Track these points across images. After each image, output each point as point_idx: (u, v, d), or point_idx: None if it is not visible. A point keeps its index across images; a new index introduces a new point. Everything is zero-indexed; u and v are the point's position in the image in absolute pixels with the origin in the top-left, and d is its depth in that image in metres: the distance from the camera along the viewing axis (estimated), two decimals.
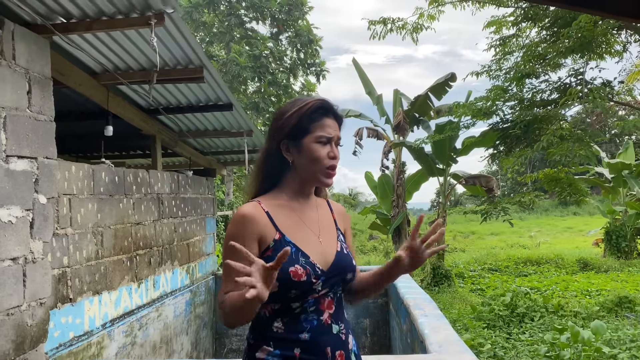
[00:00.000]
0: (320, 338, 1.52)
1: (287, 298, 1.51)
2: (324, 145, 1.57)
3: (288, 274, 1.47)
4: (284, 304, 1.53)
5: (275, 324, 1.53)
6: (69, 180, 3.23)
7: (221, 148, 6.51)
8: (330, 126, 1.59)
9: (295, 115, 1.57)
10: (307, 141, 1.56)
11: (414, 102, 11.11)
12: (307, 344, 1.51)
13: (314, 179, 1.60)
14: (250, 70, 17.71)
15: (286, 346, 1.51)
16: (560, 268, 12.48)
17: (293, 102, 1.63)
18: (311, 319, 1.53)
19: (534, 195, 11.34)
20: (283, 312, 1.53)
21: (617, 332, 5.48)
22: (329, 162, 1.57)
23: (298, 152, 1.57)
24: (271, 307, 1.53)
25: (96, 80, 3.91)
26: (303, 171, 1.59)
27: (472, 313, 7.09)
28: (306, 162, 1.57)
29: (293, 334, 1.52)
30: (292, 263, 1.49)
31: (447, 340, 2.72)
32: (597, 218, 21.17)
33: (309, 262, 1.52)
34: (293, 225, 1.58)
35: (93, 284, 3.47)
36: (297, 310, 1.52)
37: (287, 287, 1.48)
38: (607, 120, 22.61)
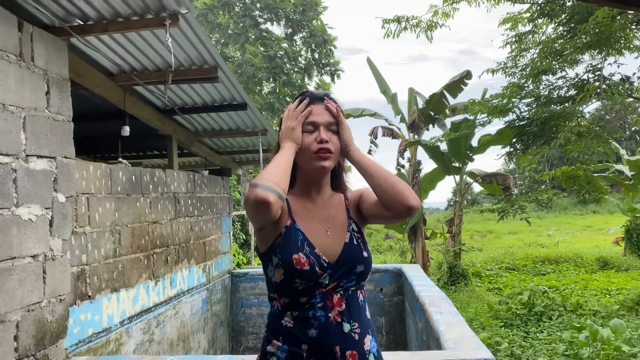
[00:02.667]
0: (328, 336, 1.51)
1: (294, 290, 1.51)
2: (311, 133, 1.60)
3: (291, 260, 1.49)
4: (292, 298, 1.53)
5: (285, 318, 1.54)
6: (87, 179, 3.29)
7: (236, 148, 6.56)
8: (316, 113, 1.61)
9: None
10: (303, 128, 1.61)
11: (429, 100, 11.06)
12: (315, 341, 1.50)
13: (309, 169, 1.61)
14: (265, 70, 17.80)
15: (294, 342, 1.51)
16: (580, 267, 12.32)
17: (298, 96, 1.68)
18: (319, 316, 1.51)
19: (552, 193, 11.18)
20: (292, 306, 1.53)
21: (638, 330, 5.40)
22: (316, 146, 1.58)
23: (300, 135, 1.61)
24: (283, 300, 1.55)
25: (113, 81, 3.97)
26: (301, 164, 1.62)
27: (489, 312, 7.04)
28: (300, 154, 1.60)
29: (301, 329, 1.51)
30: (297, 250, 1.51)
31: (462, 337, 2.70)
32: (617, 216, 20.84)
33: (314, 252, 1.52)
34: (303, 216, 1.60)
35: (111, 281, 3.53)
36: (306, 305, 1.52)
37: (291, 276, 1.49)
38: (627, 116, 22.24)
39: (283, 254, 1.51)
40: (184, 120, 5.26)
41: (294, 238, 1.53)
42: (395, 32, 9.68)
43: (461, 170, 11.34)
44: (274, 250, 1.53)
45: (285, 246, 1.52)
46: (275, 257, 1.52)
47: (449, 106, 11.20)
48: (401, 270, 5.62)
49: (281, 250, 1.51)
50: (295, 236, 1.54)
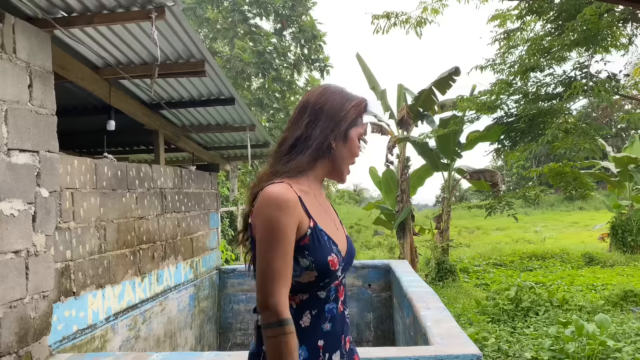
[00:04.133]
0: (338, 326, 1.55)
1: (317, 287, 1.49)
2: (359, 141, 1.64)
3: (327, 263, 1.46)
4: (312, 293, 1.50)
5: (303, 318, 1.49)
6: (71, 174, 3.24)
7: (224, 143, 6.51)
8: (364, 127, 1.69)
9: (353, 105, 1.60)
10: (353, 133, 1.60)
11: (417, 96, 11.07)
12: (329, 334, 1.52)
13: (340, 172, 1.62)
14: (254, 66, 17.71)
15: (312, 340, 1.49)
16: (566, 263, 12.44)
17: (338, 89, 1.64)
18: (332, 308, 1.53)
19: (539, 189, 11.29)
20: (310, 303, 1.50)
21: (622, 325, 5.46)
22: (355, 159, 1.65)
23: (343, 141, 1.59)
24: (299, 298, 1.49)
25: (98, 75, 3.92)
26: (337, 161, 1.60)
27: (477, 307, 7.08)
28: (345, 153, 1.60)
29: (317, 326, 1.51)
30: (329, 252, 1.48)
31: (449, 332, 2.71)
32: (603, 213, 21.08)
33: (338, 250, 1.52)
34: (318, 213, 1.55)
35: (96, 277, 3.49)
36: (323, 299, 1.51)
37: (324, 276, 1.47)
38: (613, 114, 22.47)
39: (316, 256, 1.45)
40: (171, 115, 5.21)
41: (321, 239, 1.49)
42: (384, 28, 9.68)
43: (449, 167, 11.39)
44: (301, 253, 1.45)
45: (315, 248, 1.46)
46: (304, 259, 1.45)
47: (438, 102, 11.22)
48: (389, 266, 5.62)
49: (311, 252, 1.46)
50: (321, 237, 1.49)
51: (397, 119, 11.58)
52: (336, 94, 1.61)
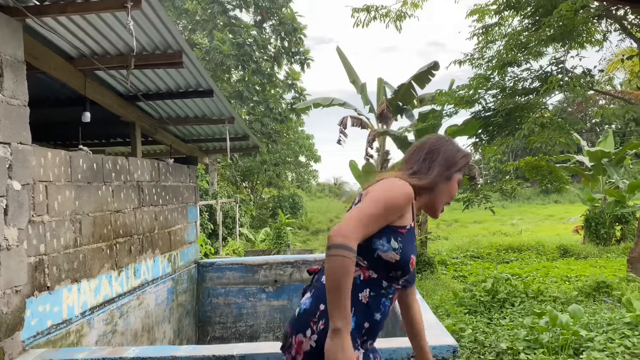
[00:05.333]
0: (383, 322, 1.81)
1: (386, 274, 1.75)
2: (457, 184, 1.94)
3: (409, 258, 1.75)
4: (379, 277, 1.75)
5: (363, 293, 1.73)
6: (45, 167, 3.17)
7: (203, 136, 6.45)
8: None
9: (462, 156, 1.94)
10: (455, 177, 1.92)
11: (397, 90, 11.13)
12: (376, 323, 1.76)
13: (435, 206, 1.93)
14: (234, 58, 17.56)
15: (362, 317, 1.72)
16: (541, 255, 12.68)
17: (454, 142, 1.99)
18: (387, 304, 1.78)
19: (515, 183, 11.45)
20: (374, 284, 1.75)
21: (595, 315, 5.59)
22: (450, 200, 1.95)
23: (446, 181, 1.89)
24: (369, 273, 1.74)
25: (72, 65, 3.83)
26: (436, 197, 1.90)
27: (454, 299, 7.17)
28: (444, 192, 1.90)
29: (371, 310, 1.74)
30: (414, 252, 1.80)
31: (426, 324, 2.72)
32: (577, 206, 21.53)
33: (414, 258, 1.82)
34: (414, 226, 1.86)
35: (71, 272, 3.43)
36: (383, 290, 1.77)
37: (399, 267, 1.73)
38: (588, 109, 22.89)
39: (405, 248, 1.74)
40: (148, 107, 5.14)
41: (412, 240, 1.79)
42: (364, 21, 9.69)
43: None
44: (395, 236, 1.73)
45: (407, 242, 1.76)
46: (395, 242, 1.73)
47: (417, 97, 11.29)
48: None
49: (403, 242, 1.74)
50: (413, 239, 1.80)
51: (377, 112, 11.62)
52: (452, 144, 1.96)
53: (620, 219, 13.77)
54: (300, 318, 1.73)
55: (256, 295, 5.86)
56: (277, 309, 5.82)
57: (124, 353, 2.49)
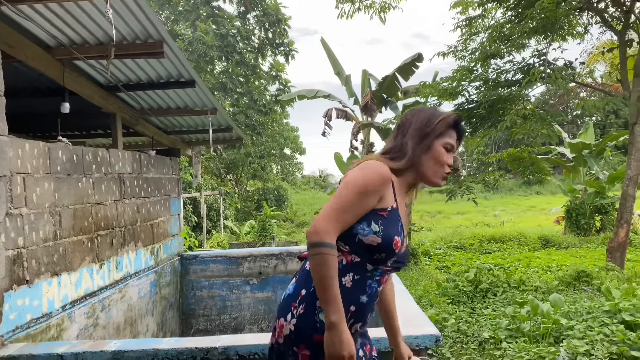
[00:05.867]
0: (371, 304, 1.78)
1: (369, 257, 1.71)
2: (447, 152, 1.81)
3: (392, 240, 1.70)
4: (363, 261, 1.72)
5: (346, 277, 1.71)
6: (22, 158, 3.11)
7: (185, 127, 6.38)
8: (454, 138, 1.84)
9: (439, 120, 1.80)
10: (438, 143, 1.79)
11: (381, 82, 11.14)
12: (362, 306, 1.74)
13: (427, 177, 1.82)
14: (217, 49, 17.41)
15: (347, 301, 1.68)
16: (523, 245, 12.84)
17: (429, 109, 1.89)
18: (373, 286, 1.75)
19: (498, 174, 11.56)
20: (357, 268, 1.72)
21: (575, 304, 5.68)
22: (447, 169, 1.82)
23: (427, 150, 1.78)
24: (351, 258, 1.72)
25: (50, 55, 3.75)
26: (423, 168, 1.80)
27: (438, 289, 7.23)
28: (430, 161, 1.79)
29: (356, 293, 1.72)
30: (398, 234, 1.73)
31: (409, 313, 2.75)
32: (559, 197, 21.84)
33: (402, 240, 1.76)
34: (401, 205, 1.80)
35: (51, 265, 3.38)
36: (368, 273, 1.74)
37: (382, 249, 1.69)
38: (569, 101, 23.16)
39: (386, 229, 1.69)
40: (129, 98, 5.06)
41: (396, 221, 1.74)
42: (349, 12, 9.66)
43: None
44: (376, 219, 1.69)
45: (389, 224, 1.71)
46: (376, 225, 1.69)
47: (401, 89, 11.31)
48: None
49: (384, 224, 1.70)
50: (396, 220, 1.74)
51: (361, 104, 11.63)
52: (424, 112, 1.86)
53: (600, 210, 14.00)
54: (283, 303, 1.76)
55: (240, 287, 5.85)
56: (262, 301, 5.82)
57: (105, 346, 2.46)
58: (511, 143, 15.58)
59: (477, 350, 4.70)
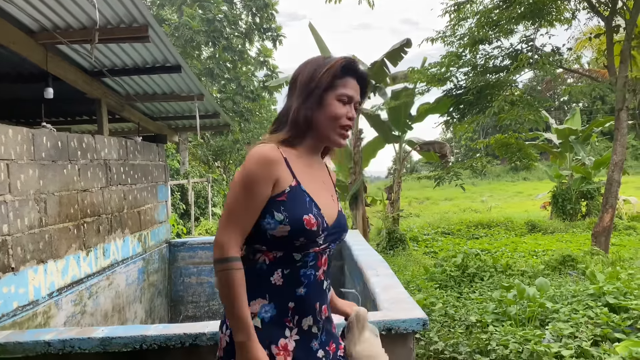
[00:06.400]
0: (314, 293, 1.60)
1: (291, 246, 1.54)
2: (344, 105, 1.61)
3: (302, 221, 1.51)
4: (287, 253, 1.56)
5: (274, 275, 1.56)
6: (6, 144, 3.06)
7: (172, 113, 6.33)
8: (353, 87, 1.63)
9: (324, 71, 1.58)
10: (330, 97, 1.59)
11: (370, 68, 11.07)
12: (302, 298, 1.57)
13: (327, 138, 1.63)
14: (204, 34, 17.20)
15: (282, 299, 1.56)
16: (510, 230, 12.98)
17: (317, 58, 1.66)
18: (309, 274, 1.58)
19: (485, 160, 11.63)
20: (284, 261, 1.56)
21: (560, 288, 5.76)
22: (346, 122, 1.61)
23: (319, 107, 1.59)
24: (273, 254, 1.56)
25: (33, 39, 3.68)
26: (320, 128, 1.61)
27: (425, 274, 7.30)
28: (324, 118, 1.59)
29: (291, 287, 1.56)
30: (307, 212, 1.53)
31: (397, 298, 2.77)
32: (545, 182, 22.03)
33: (320, 214, 1.57)
34: (307, 177, 1.61)
35: (37, 252, 3.34)
36: (299, 262, 1.56)
37: (297, 234, 1.52)
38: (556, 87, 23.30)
39: (290, 212, 1.52)
40: (114, 83, 5.00)
41: (300, 199, 1.55)
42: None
43: (401, 139, 11.54)
44: (277, 207, 1.53)
45: (292, 206, 1.53)
46: (278, 213, 1.52)
47: (390, 75, 11.27)
48: None
49: (287, 208, 1.52)
50: (301, 197, 1.56)
51: None
52: (310, 64, 1.64)
53: (586, 195, 14.17)
54: (223, 314, 1.63)
55: None
56: None
57: (92, 333, 2.45)
58: (499, 129, 15.66)
59: (464, 333, 4.76)
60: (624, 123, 7.74)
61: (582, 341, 4.10)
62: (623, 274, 5.87)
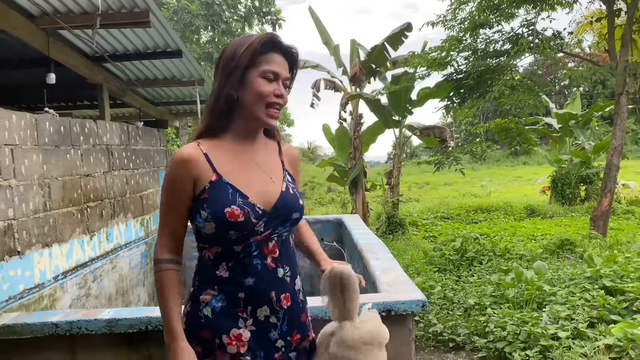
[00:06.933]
0: (265, 283, 1.55)
1: (228, 240, 1.51)
2: (270, 82, 1.53)
3: (224, 214, 1.47)
4: (226, 247, 1.53)
5: (219, 269, 1.54)
6: (9, 130, 3.09)
7: (172, 98, 6.34)
8: (279, 63, 1.55)
9: (244, 49, 1.51)
10: (253, 75, 1.52)
11: (370, 52, 11.04)
12: (251, 288, 1.53)
13: (256, 118, 1.56)
14: (203, 18, 17.11)
15: (231, 290, 1.54)
16: (509, 215, 13.04)
17: (240, 38, 1.59)
18: (255, 264, 1.53)
19: (485, 145, 11.64)
20: (226, 255, 1.54)
21: (558, 271, 5.82)
22: (273, 99, 1.53)
23: (243, 87, 1.53)
24: (214, 250, 1.55)
25: (34, 24, 3.69)
26: (247, 108, 1.55)
27: (424, 258, 7.36)
28: (250, 97, 1.53)
29: (238, 278, 1.53)
30: (229, 204, 1.48)
31: (397, 280, 2.82)
32: (545, 167, 22.06)
33: (248, 202, 1.51)
34: (233, 167, 1.56)
35: (42, 236, 3.39)
36: (241, 254, 1.53)
37: (224, 229, 1.48)
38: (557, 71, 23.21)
39: (212, 208, 1.48)
40: (115, 69, 5.01)
41: (221, 193, 1.50)
42: None
43: (401, 124, 11.54)
44: (201, 205, 1.51)
45: (213, 201, 1.49)
46: (203, 211, 1.50)
47: (390, 59, 11.23)
48: (341, 220, 5.73)
49: (209, 205, 1.49)
50: (223, 190, 1.51)
51: (350, 75, 11.53)
52: (232, 44, 1.57)
53: (585, 180, 14.20)
54: None
55: None
56: None
57: (98, 315, 2.50)
58: (499, 114, 15.64)
59: (463, 316, 4.84)
60: (624, 107, 7.74)
61: (579, 323, 4.17)
62: (620, 258, 5.94)
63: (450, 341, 4.41)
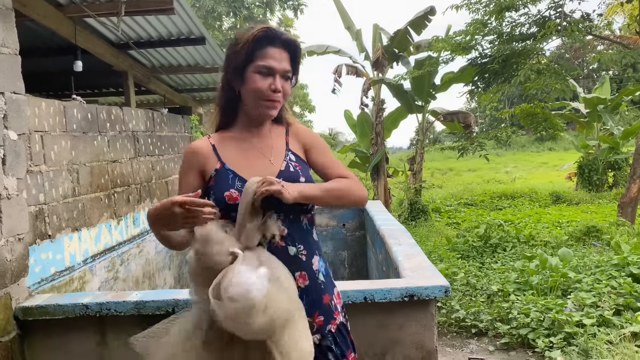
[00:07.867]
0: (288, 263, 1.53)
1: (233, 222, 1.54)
2: (265, 77, 1.57)
3: (224, 198, 1.56)
4: None
5: None
6: (39, 117, 3.16)
7: (196, 85, 6.40)
8: (275, 57, 1.57)
9: (240, 46, 1.57)
10: (249, 71, 1.57)
11: (393, 37, 10.92)
12: None
13: (255, 112, 1.63)
14: (225, 4, 17.12)
15: None
16: (534, 201, 12.85)
17: (242, 32, 1.62)
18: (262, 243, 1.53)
19: (510, 130, 11.47)
20: None
21: (584, 258, 5.74)
22: (269, 94, 1.57)
23: (242, 82, 1.59)
24: None
25: (62, 12, 3.76)
26: (246, 103, 1.63)
27: (447, 245, 7.33)
28: (247, 93, 1.59)
29: None
30: (228, 188, 1.57)
31: (419, 266, 2.82)
32: (571, 153, 21.62)
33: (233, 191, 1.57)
34: (237, 154, 1.64)
35: (71, 220, 3.49)
36: None
37: (227, 211, 1.54)
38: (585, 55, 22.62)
39: (216, 194, 1.58)
40: (140, 56, 5.07)
41: (224, 179, 1.60)
42: None
43: (424, 109, 11.42)
44: (208, 192, 1.62)
45: (216, 187, 1.59)
46: (210, 197, 1.60)
47: (413, 43, 11.09)
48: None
49: (214, 191, 1.59)
50: (225, 177, 1.60)
51: (372, 60, 11.45)
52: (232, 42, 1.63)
53: (613, 166, 13.89)
54: None
55: None
56: None
57: (127, 297, 2.57)
58: (524, 98, 15.34)
59: (486, 302, 4.82)
60: None
61: (605, 310, 4.12)
62: None
63: (472, 327, 4.40)
